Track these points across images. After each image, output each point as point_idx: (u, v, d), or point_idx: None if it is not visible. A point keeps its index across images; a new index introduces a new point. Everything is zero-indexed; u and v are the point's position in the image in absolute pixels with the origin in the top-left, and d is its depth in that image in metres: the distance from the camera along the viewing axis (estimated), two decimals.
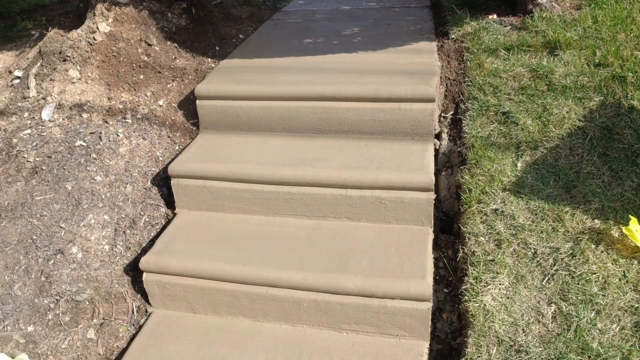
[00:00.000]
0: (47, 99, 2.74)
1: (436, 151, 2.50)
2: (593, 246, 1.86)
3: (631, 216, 1.86)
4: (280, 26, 3.74)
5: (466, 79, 2.68)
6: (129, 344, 2.08)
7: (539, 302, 1.76)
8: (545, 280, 1.81)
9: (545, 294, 1.77)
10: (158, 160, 2.63)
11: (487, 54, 2.80)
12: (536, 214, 2.00)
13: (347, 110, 2.49)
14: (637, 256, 1.81)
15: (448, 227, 2.34)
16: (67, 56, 2.85)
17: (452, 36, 3.10)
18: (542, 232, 1.94)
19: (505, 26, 3.06)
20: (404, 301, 1.91)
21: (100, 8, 3.03)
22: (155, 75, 2.94)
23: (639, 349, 1.57)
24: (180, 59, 3.10)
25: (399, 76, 2.58)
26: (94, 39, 2.92)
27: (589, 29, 2.82)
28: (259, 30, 3.67)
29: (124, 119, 2.70)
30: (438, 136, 2.56)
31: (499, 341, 1.69)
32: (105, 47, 2.92)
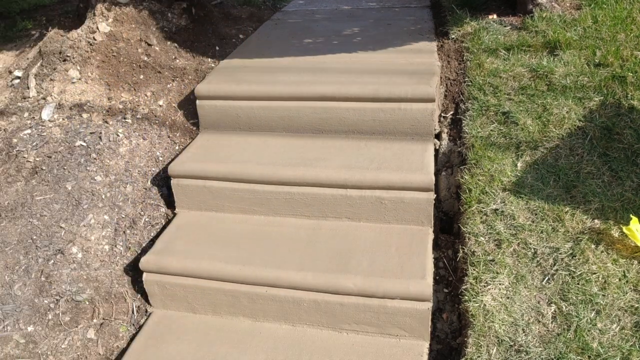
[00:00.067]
0: (47, 99, 2.74)
1: (436, 151, 2.50)
2: (593, 246, 1.86)
3: (632, 215, 1.86)
4: (280, 26, 3.74)
5: (466, 79, 2.68)
6: (129, 344, 2.08)
7: (539, 302, 1.76)
8: (545, 280, 1.81)
9: (545, 294, 1.77)
10: (158, 160, 2.63)
11: (487, 54, 2.80)
12: (536, 214, 2.00)
13: (347, 110, 2.49)
14: (637, 256, 1.81)
15: (448, 227, 2.34)
16: (67, 56, 2.85)
17: (452, 36, 3.10)
18: (542, 232, 1.94)
19: (505, 26, 3.06)
20: (404, 301, 1.91)
21: (100, 8, 3.03)
22: (155, 75, 2.94)
23: (639, 349, 1.57)
24: (180, 59, 3.10)
25: (399, 76, 2.58)
26: (94, 39, 2.92)
27: (589, 29, 2.82)
28: (259, 30, 3.67)
29: (124, 119, 2.70)
30: (438, 136, 2.56)
31: (499, 341, 1.69)
32: (105, 47, 2.93)
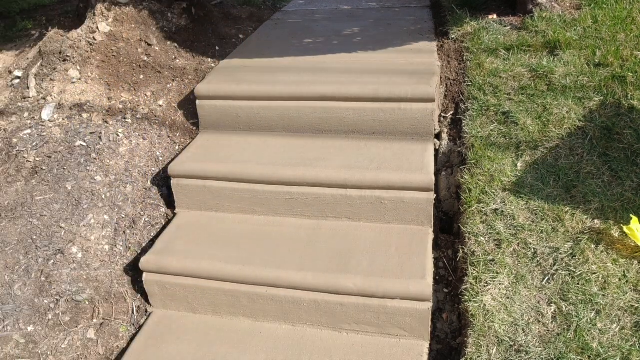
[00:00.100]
0: (47, 99, 2.74)
1: (436, 151, 2.50)
2: (593, 246, 1.86)
3: (632, 215, 1.86)
4: (280, 26, 3.74)
5: (466, 79, 2.68)
6: (129, 344, 2.08)
7: (539, 302, 1.76)
8: (545, 280, 1.81)
9: (545, 294, 1.77)
10: (158, 160, 2.63)
11: (487, 54, 2.80)
12: (536, 214, 2.00)
13: (347, 110, 2.49)
14: (637, 256, 1.81)
15: (448, 227, 2.34)
16: (67, 56, 2.85)
17: (452, 36, 3.10)
18: (542, 232, 1.94)
19: (505, 26, 3.06)
20: (404, 301, 1.91)
21: (100, 8, 3.03)
22: (155, 75, 2.94)
23: (639, 349, 1.57)
24: (180, 59, 3.10)
25: (399, 76, 2.58)
26: (94, 39, 2.92)
27: (589, 29, 2.82)
28: (259, 30, 3.67)
29: (124, 119, 2.70)
30: (438, 136, 2.56)
31: (499, 341, 1.69)
32: (105, 47, 2.93)
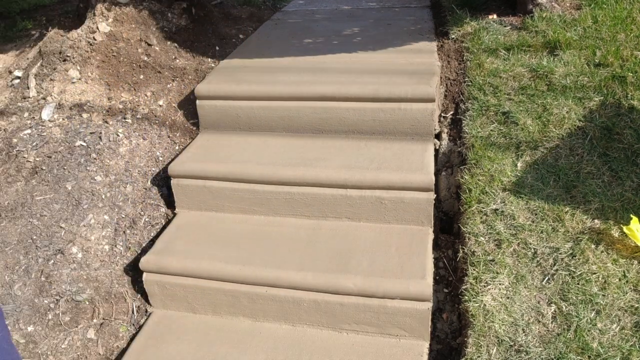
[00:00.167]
0: (47, 99, 2.74)
1: (436, 151, 2.50)
2: (593, 246, 1.86)
3: (632, 215, 1.86)
4: (280, 26, 3.74)
5: (466, 79, 2.68)
6: (129, 344, 2.08)
7: (539, 302, 1.76)
8: (545, 280, 1.81)
9: (545, 294, 1.77)
10: (158, 160, 2.63)
11: (487, 54, 2.80)
12: (536, 214, 2.00)
13: (347, 110, 2.49)
14: (637, 256, 1.81)
15: (448, 227, 2.34)
16: (67, 56, 2.85)
17: (452, 36, 3.10)
18: (542, 232, 1.93)
19: (505, 26, 3.06)
20: (404, 301, 1.91)
21: (100, 8, 3.03)
22: (155, 75, 2.94)
23: (639, 349, 1.57)
24: (180, 59, 3.10)
25: (399, 76, 2.58)
26: (94, 39, 2.92)
27: (589, 29, 2.82)
28: (259, 30, 3.67)
29: (124, 119, 2.70)
30: (438, 136, 2.56)
31: (499, 341, 1.69)
32: (105, 47, 2.92)
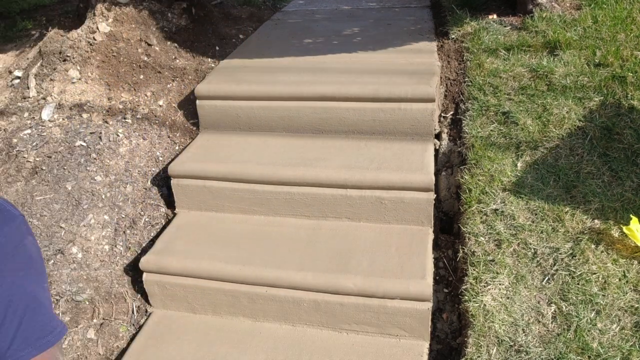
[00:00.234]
0: (47, 99, 2.74)
1: (436, 151, 2.50)
2: (593, 246, 1.86)
3: (632, 215, 1.86)
4: (280, 26, 3.74)
5: (466, 79, 2.68)
6: (129, 344, 2.08)
7: (539, 302, 1.76)
8: (545, 280, 1.81)
9: (545, 294, 1.77)
10: (158, 160, 2.63)
11: (487, 54, 2.80)
12: (536, 214, 2.00)
13: (347, 110, 2.49)
14: (637, 256, 1.81)
15: (448, 227, 2.33)
16: (67, 56, 2.85)
17: (452, 36, 3.10)
18: (542, 232, 1.93)
19: (505, 26, 3.06)
20: (404, 301, 1.91)
21: (100, 8, 3.03)
22: (155, 75, 2.94)
23: (639, 349, 1.57)
24: (180, 59, 3.10)
25: (399, 76, 2.58)
26: (94, 39, 2.92)
27: (589, 29, 2.82)
28: (259, 30, 3.67)
29: (124, 119, 2.70)
30: (438, 136, 2.56)
31: (499, 341, 1.69)
32: (105, 47, 2.92)
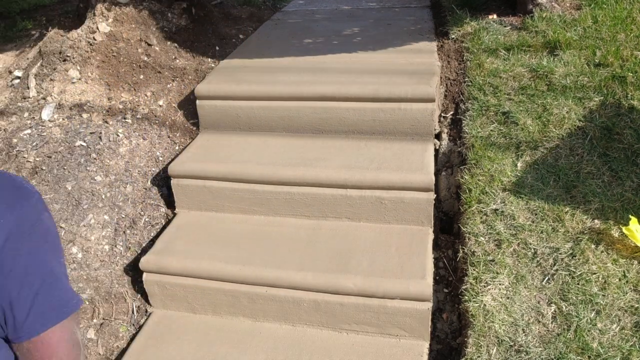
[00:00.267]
0: (47, 99, 2.74)
1: (436, 151, 2.50)
2: (593, 246, 1.86)
3: (631, 216, 1.86)
4: (280, 26, 3.74)
5: (466, 79, 2.68)
6: (129, 344, 2.08)
7: (539, 302, 1.76)
8: (545, 280, 1.81)
9: (545, 294, 1.77)
10: (158, 160, 2.63)
11: (487, 54, 2.80)
12: (536, 214, 2.00)
13: (347, 110, 2.49)
14: (637, 256, 1.81)
15: (448, 227, 2.34)
16: (67, 56, 2.85)
17: (452, 36, 3.10)
18: (542, 232, 1.93)
19: (505, 26, 3.06)
20: (404, 301, 1.91)
21: (100, 8, 3.03)
22: (155, 75, 2.94)
23: (639, 349, 1.57)
24: (180, 59, 3.10)
25: (399, 76, 2.58)
26: (94, 39, 2.92)
27: (589, 29, 2.82)
28: (259, 30, 3.67)
29: (124, 119, 2.70)
30: (438, 136, 2.56)
31: (499, 341, 1.69)
32: (105, 47, 2.92)
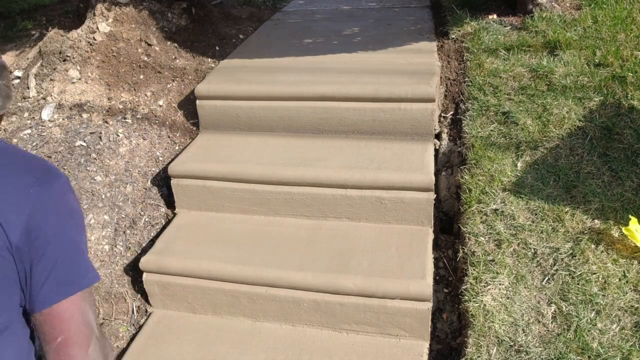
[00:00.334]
0: (47, 99, 2.74)
1: (436, 151, 2.50)
2: (593, 246, 1.86)
3: (631, 216, 1.86)
4: (280, 26, 3.74)
5: (466, 79, 2.68)
6: (129, 344, 2.08)
7: (539, 302, 1.76)
8: (545, 280, 1.81)
9: (545, 294, 1.77)
10: (158, 160, 2.63)
11: (487, 54, 2.80)
12: (536, 214, 2.00)
13: (347, 110, 2.49)
14: (637, 256, 1.81)
15: (448, 227, 2.34)
16: (67, 56, 2.85)
17: (452, 36, 3.10)
18: (542, 232, 1.93)
19: (505, 26, 3.06)
20: (404, 301, 1.91)
21: (100, 8, 3.03)
22: (155, 75, 2.94)
23: (639, 349, 1.57)
24: (180, 59, 3.10)
25: (399, 76, 2.58)
26: (94, 39, 2.92)
27: (589, 29, 2.82)
28: (259, 30, 3.67)
29: (124, 119, 2.70)
30: (438, 136, 2.56)
31: (499, 341, 1.69)
32: (105, 47, 2.92)
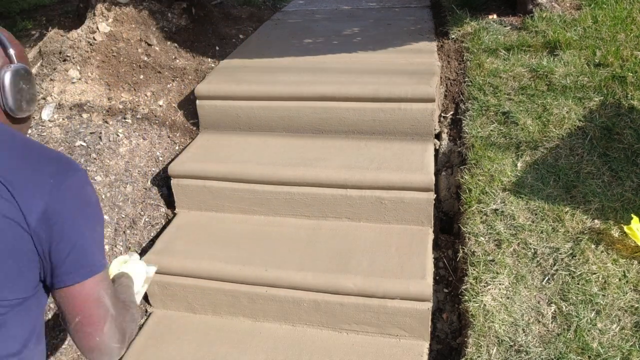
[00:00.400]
0: (47, 99, 2.74)
1: (436, 151, 2.50)
2: (593, 246, 1.86)
3: (633, 215, 1.86)
4: (280, 26, 3.74)
5: (466, 79, 2.68)
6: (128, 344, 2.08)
7: (539, 302, 1.76)
8: (545, 280, 1.81)
9: (545, 294, 1.77)
10: (158, 160, 2.63)
11: (487, 54, 2.80)
12: (536, 214, 2.00)
13: (347, 110, 2.49)
14: (637, 256, 1.81)
15: (448, 227, 2.34)
16: (67, 56, 2.85)
17: (452, 36, 3.10)
18: (542, 232, 1.93)
19: (505, 26, 3.06)
20: (404, 301, 1.91)
21: (100, 8, 3.03)
22: (155, 75, 2.94)
23: (639, 349, 1.57)
24: (180, 59, 3.10)
25: (399, 76, 2.58)
26: (94, 39, 2.92)
27: (589, 29, 2.82)
28: (259, 30, 3.67)
29: (124, 119, 2.70)
30: (438, 136, 2.56)
31: (499, 341, 1.69)
32: (105, 47, 2.93)
